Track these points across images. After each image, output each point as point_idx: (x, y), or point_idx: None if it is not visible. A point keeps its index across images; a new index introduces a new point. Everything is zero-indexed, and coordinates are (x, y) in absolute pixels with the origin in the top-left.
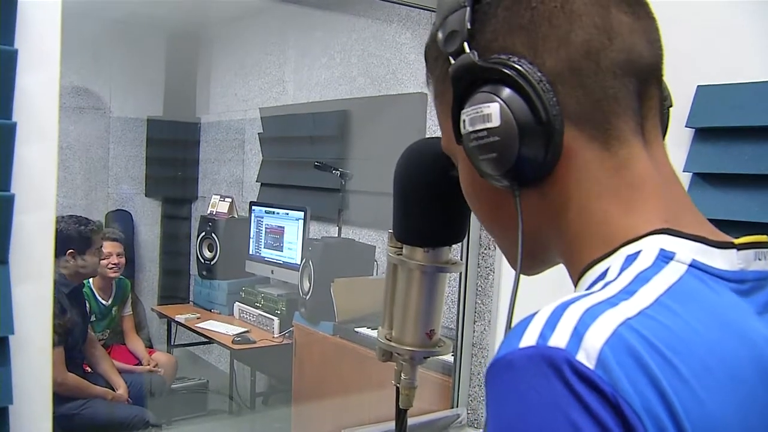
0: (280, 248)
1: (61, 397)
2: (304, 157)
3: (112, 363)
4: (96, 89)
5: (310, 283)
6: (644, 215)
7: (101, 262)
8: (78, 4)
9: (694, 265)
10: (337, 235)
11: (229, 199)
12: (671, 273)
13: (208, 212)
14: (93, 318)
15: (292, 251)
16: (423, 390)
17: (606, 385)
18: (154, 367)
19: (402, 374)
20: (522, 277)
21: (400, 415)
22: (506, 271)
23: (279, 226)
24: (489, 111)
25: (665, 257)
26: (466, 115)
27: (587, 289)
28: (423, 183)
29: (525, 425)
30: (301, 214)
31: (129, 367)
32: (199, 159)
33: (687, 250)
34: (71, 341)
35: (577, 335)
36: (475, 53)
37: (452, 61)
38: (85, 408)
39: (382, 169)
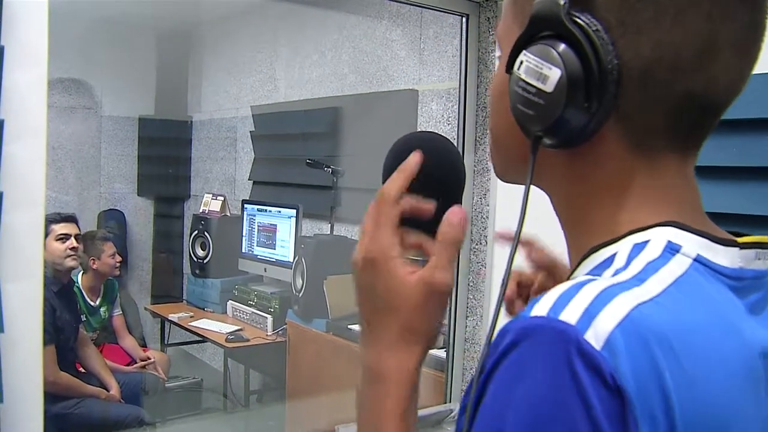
0: (272, 246)
1: (54, 396)
2: (296, 154)
3: (105, 363)
4: (87, 88)
5: (302, 281)
6: (652, 209)
7: (108, 261)
8: (67, 2)
9: (698, 260)
10: (329, 233)
11: (222, 198)
12: (677, 266)
13: (201, 211)
14: (83, 318)
15: (285, 249)
16: None
17: (608, 367)
18: (149, 362)
19: None
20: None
21: None
22: (498, 266)
23: (271, 224)
24: (548, 73)
25: (672, 249)
26: (526, 59)
27: (591, 271)
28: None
29: (516, 391)
30: (294, 211)
31: (122, 367)
32: (191, 157)
33: (693, 245)
34: (62, 339)
35: (589, 315)
36: (567, 4)
37: None
38: (79, 407)
39: (374, 166)
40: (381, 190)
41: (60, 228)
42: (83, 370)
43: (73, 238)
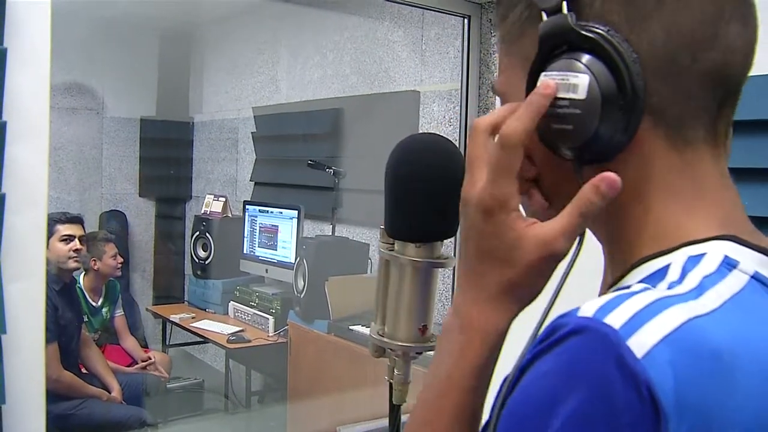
0: (274, 247)
1: (57, 396)
2: (298, 155)
3: (107, 364)
4: (89, 89)
5: (304, 282)
6: (702, 218)
7: (110, 262)
8: (69, 3)
9: (755, 277)
10: (331, 234)
11: (223, 199)
12: (734, 282)
13: (202, 212)
14: (84, 319)
15: (287, 250)
16: (417, 386)
17: (645, 378)
18: (150, 362)
19: (395, 370)
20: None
21: (394, 411)
22: None
23: (273, 225)
24: (576, 81)
25: (729, 265)
26: (550, 78)
27: (642, 280)
28: (413, 178)
29: (549, 388)
30: (295, 212)
31: (123, 368)
32: (192, 158)
33: (750, 261)
34: (65, 338)
35: (637, 322)
36: (573, 16)
37: (544, 18)
38: (82, 408)
39: (376, 167)
40: (507, 130)
41: (65, 229)
42: (86, 372)
43: (77, 240)
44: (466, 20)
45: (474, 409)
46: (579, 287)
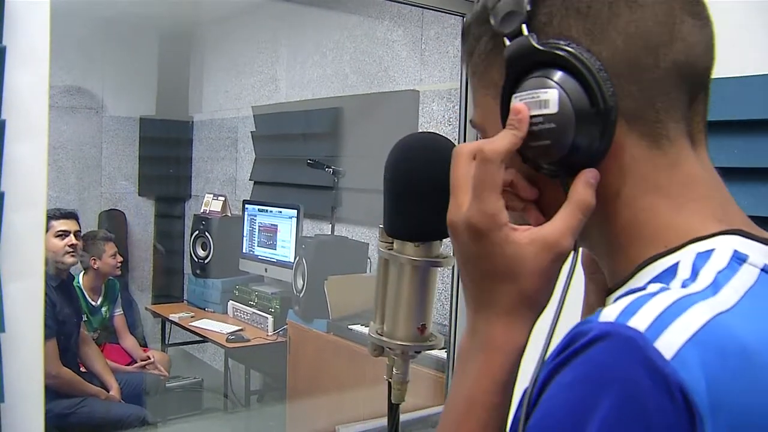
0: (273, 246)
1: (57, 394)
2: (297, 154)
3: (106, 363)
4: (88, 88)
5: (303, 281)
6: (697, 214)
7: (109, 261)
8: (68, 2)
9: (765, 270)
10: (330, 233)
11: (223, 198)
12: (747, 276)
13: (202, 211)
14: (84, 318)
15: (286, 249)
16: (416, 386)
17: (677, 379)
18: (149, 361)
19: (394, 369)
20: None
21: (393, 410)
22: None
23: (272, 224)
24: (547, 97)
25: (739, 259)
26: (520, 99)
27: (653, 280)
28: (413, 177)
29: (575, 398)
30: (294, 212)
31: (123, 367)
32: (192, 158)
33: (759, 254)
34: (64, 336)
35: (661, 323)
36: (534, 36)
37: (507, 43)
38: (82, 406)
39: (375, 167)
40: (486, 147)
41: (60, 224)
42: (85, 370)
43: (72, 235)
44: (465, 19)
45: (498, 427)
46: (578, 293)
